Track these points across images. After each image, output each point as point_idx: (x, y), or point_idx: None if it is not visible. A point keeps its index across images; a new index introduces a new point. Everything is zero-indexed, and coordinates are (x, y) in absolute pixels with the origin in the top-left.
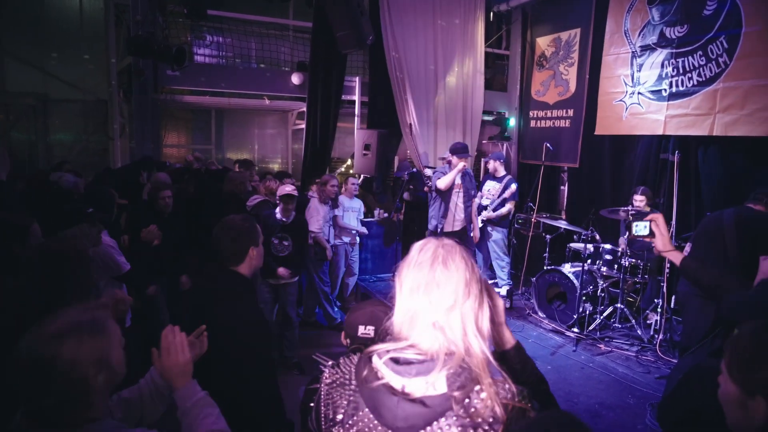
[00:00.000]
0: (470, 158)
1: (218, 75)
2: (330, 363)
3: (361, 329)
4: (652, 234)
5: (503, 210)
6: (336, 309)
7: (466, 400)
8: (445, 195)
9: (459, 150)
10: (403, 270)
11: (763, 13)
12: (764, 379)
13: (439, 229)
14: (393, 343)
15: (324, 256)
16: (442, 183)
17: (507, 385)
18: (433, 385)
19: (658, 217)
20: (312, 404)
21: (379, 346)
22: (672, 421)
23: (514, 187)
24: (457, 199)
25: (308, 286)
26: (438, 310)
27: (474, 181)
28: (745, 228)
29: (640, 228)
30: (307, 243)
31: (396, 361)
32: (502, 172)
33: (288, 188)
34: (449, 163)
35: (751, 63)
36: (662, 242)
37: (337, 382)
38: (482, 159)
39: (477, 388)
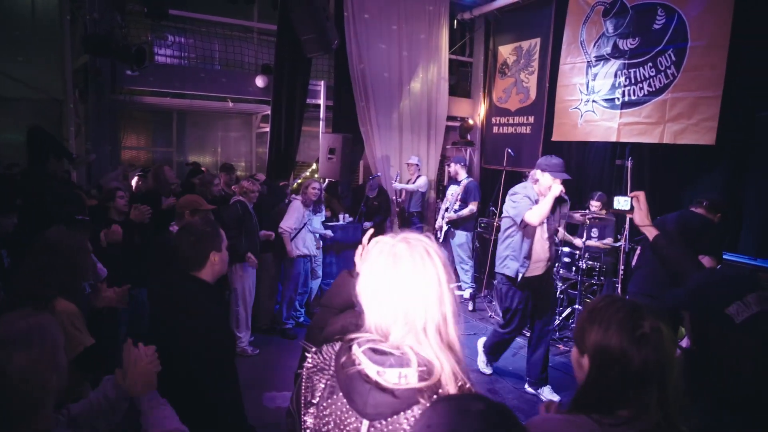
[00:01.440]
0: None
1: (180, 76)
2: (314, 349)
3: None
4: (632, 209)
5: (465, 211)
6: (298, 314)
7: (434, 396)
8: (529, 229)
9: (554, 167)
10: (364, 270)
11: (707, 29)
12: (590, 342)
13: (520, 275)
14: (371, 335)
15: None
16: (534, 216)
17: (469, 383)
18: (405, 377)
19: (640, 194)
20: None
21: (360, 335)
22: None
23: (466, 183)
24: (543, 233)
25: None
26: (404, 311)
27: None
28: (686, 230)
29: (621, 203)
30: None
31: (374, 351)
32: (463, 175)
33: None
34: (536, 181)
35: (697, 75)
36: (640, 216)
37: (318, 367)
38: (446, 164)
39: (441, 391)
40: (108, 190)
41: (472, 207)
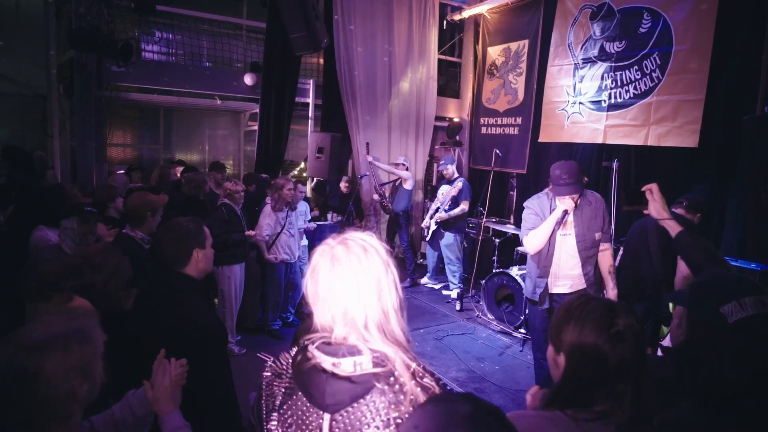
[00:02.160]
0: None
1: (168, 73)
2: (271, 358)
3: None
4: (646, 203)
5: (456, 210)
6: (287, 315)
7: (391, 378)
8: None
9: (555, 179)
10: (307, 273)
11: (691, 33)
12: (566, 340)
13: (538, 293)
14: (324, 333)
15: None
16: (530, 243)
17: (427, 378)
18: (360, 364)
19: (653, 186)
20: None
21: (313, 336)
22: None
23: (460, 184)
24: (564, 246)
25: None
26: (343, 311)
27: (600, 216)
28: (664, 230)
29: (634, 197)
30: None
31: (327, 344)
32: (455, 175)
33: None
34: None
35: (681, 79)
36: (656, 209)
37: (275, 374)
38: (434, 164)
39: (397, 373)
40: (108, 188)
41: (464, 206)
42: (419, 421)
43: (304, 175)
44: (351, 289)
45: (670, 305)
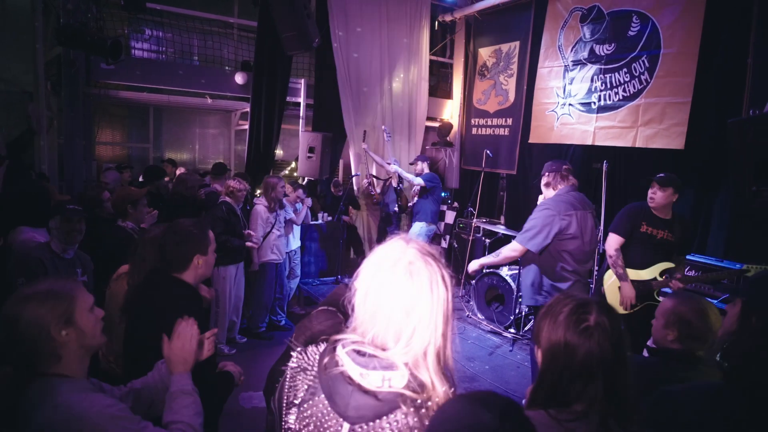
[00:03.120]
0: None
1: (157, 71)
2: (299, 348)
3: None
4: None
5: (407, 176)
6: (279, 317)
7: (418, 401)
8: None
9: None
10: (367, 268)
11: (678, 36)
12: (542, 338)
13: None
14: (358, 336)
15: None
16: (533, 242)
17: None
18: (389, 380)
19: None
20: (277, 385)
21: (346, 336)
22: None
23: (420, 180)
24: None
25: (254, 297)
26: (410, 332)
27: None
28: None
29: None
30: None
31: (359, 353)
32: (424, 171)
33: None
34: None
35: (669, 81)
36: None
37: (301, 367)
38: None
39: (428, 397)
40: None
41: (420, 182)
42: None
43: (295, 174)
44: (426, 310)
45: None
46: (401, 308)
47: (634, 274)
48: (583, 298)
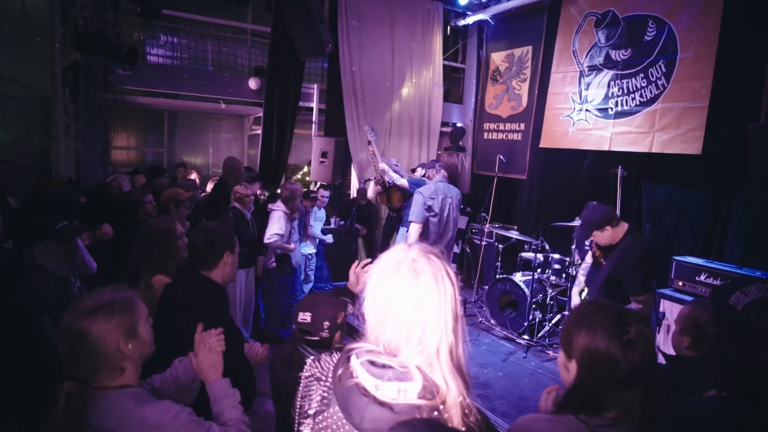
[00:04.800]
0: None
1: (172, 76)
2: (312, 357)
3: (300, 315)
4: None
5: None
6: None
7: (435, 413)
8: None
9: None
10: (372, 275)
11: (695, 41)
12: (577, 346)
13: None
14: (372, 346)
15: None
16: (415, 216)
17: (473, 416)
18: (405, 392)
19: None
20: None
21: (359, 345)
22: None
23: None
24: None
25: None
26: (420, 331)
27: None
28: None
29: None
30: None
31: (373, 363)
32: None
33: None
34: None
35: (686, 86)
36: None
37: (315, 376)
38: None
39: (442, 401)
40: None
41: (403, 183)
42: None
43: (308, 179)
44: (433, 307)
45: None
46: (409, 306)
47: None
48: (619, 308)
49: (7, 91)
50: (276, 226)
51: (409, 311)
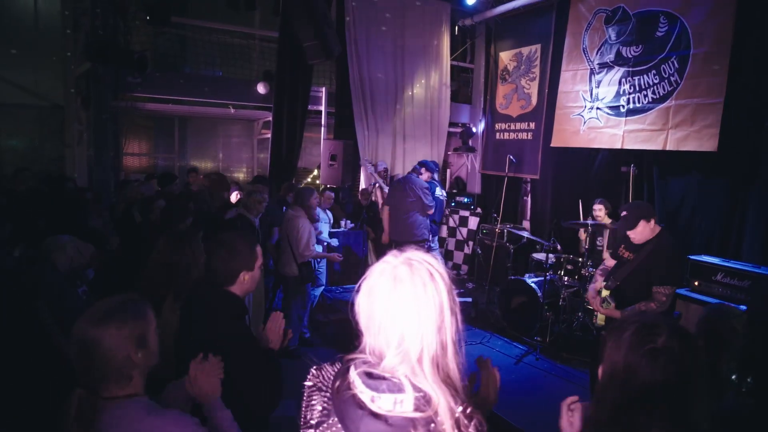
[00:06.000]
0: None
1: (181, 83)
2: (315, 366)
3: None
4: None
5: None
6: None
7: (431, 425)
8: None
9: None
10: (363, 289)
11: (709, 35)
12: (603, 353)
13: None
14: (367, 354)
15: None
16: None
17: (472, 427)
18: (401, 403)
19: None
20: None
21: (356, 356)
22: None
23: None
24: None
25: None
26: (399, 338)
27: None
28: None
29: None
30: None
31: (370, 375)
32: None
33: None
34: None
35: (699, 82)
36: None
37: (317, 386)
38: (448, 170)
39: (435, 412)
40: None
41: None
42: None
43: (317, 182)
44: (411, 315)
45: None
46: (388, 314)
47: None
48: (657, 320)
49: (21, 100)
50: (307, 236)
51: (388, 318)
